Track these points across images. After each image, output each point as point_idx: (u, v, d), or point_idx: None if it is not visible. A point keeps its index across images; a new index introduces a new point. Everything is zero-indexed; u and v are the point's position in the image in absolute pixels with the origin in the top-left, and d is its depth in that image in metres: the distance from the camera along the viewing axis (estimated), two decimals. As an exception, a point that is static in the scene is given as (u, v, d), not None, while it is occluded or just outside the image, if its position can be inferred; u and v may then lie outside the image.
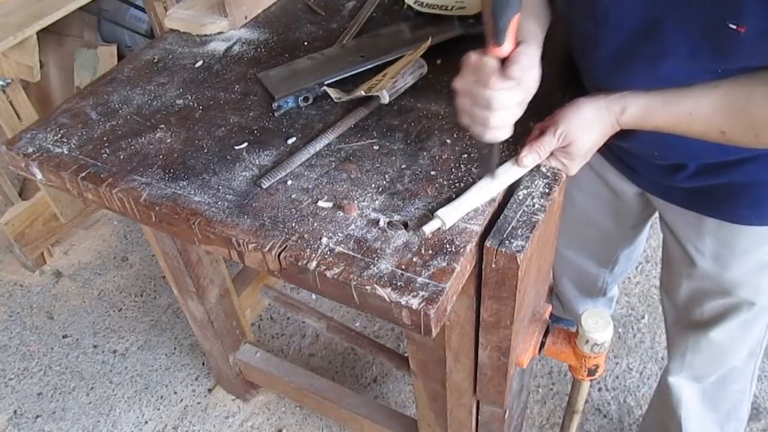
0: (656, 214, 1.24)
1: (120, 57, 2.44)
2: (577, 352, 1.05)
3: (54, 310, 2.08)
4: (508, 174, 0.85)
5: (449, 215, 0.80)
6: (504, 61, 0.73)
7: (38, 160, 0.97)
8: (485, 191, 0.83)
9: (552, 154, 0.86)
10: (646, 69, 0.81)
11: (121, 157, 0.96)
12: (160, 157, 0.96)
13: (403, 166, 0.91)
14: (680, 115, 0.81)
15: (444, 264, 0.76)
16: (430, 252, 0.78)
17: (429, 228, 0.79)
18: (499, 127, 0.76)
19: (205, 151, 0.96)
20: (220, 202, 0.87)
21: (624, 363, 1.80)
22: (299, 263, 0.78)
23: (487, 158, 0.83)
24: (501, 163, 0.85)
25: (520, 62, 0.72)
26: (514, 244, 0.78)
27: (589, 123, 0.84)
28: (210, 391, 1.82)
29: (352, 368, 1.85)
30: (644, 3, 0.76)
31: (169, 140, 0.99)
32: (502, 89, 0.73)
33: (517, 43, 0.73)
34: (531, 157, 0.85)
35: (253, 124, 1.01)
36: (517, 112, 0.77)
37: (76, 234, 2.30)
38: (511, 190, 0.87)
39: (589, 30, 0.85)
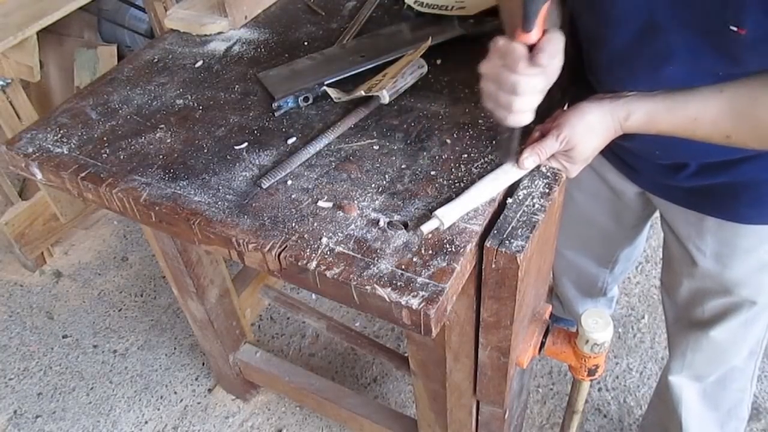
0: (656, 214, 1.24)
1: (120, 57, 2.44)
2: (577, 352, 1.05)
3: (54, 310, 2.08)
4: (507, 175, 0.85)
5: (447, 215, 0.80)
6: (531, 48, 0.74)
7: (38, 160, 0.97)
8: (484, 191, 0.83)
9: (553, 155, 0.86)
10: (648, 69, 0.81)
11: (121, 157, 0.96)
12: (160, 157, 0.96)
13: (403, 166, 0.91)
14: (685, 121, 0.81)
15: (444, 264, 0.76)
16: (430, 252, 0.78)
17: (427, 228, 0.79)
18: (522, 111, 0.78)
19: (205, 151, 0.96)
20: (220, 202, 0.87)
21: (624, 363, 1.80)
22: (299, 263, 0.78)
23: (507, 143, 0.84)
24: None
25: (548, 50, 0.73)
26: (514, 244, 0.78)
27: (592, 128, 0.84)
28: (210, 391, 1.82)
29: (352, 368, 1.85)
30: (645, 5, 0.76)
31: (169, 140, 0.99)
32: (528, 75, 0.74)
33: (544, 31, 0.74)
34: (532, 159, 0.84)
35: (253, 124, 1.01)
36: (540, 97, 0.78)
37: (76, 234, 2.30)
38: (511, 190, 0.86)
39: (592, 28, 0.85)
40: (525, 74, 0.74)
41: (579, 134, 0.83)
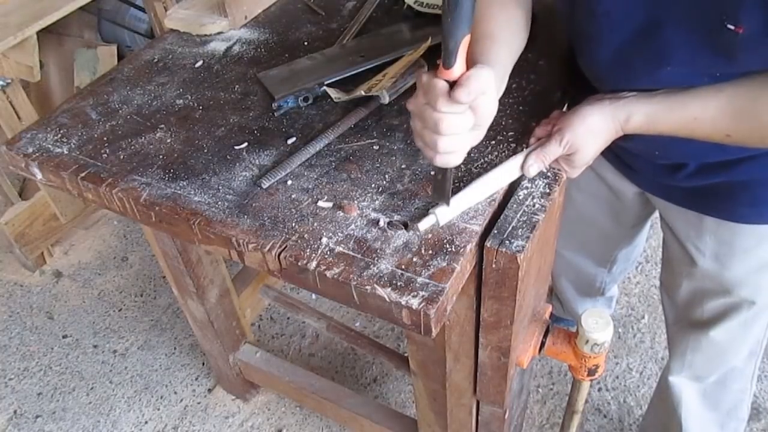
0: (656, 214, 1.24)
1: (120, 57, 2.44)
2: (577, 352, 1.05)
3: (54, 310, 2.08)
4: (506, 174, 0.85)
5: (444, 212, 0.80)
6: (454, 84, 0.68)
7: (38, 160, 0.97)
8: (482, 190, 0.83)
9: (555, 159, 0.86)
10: (647, 69, 0.81)
11: (121, 157, 0.96)
12: (160, 157, 0.96)
13: (403, 166, 0.91)
14: (685, 121, 0.81)
15: (444, 264, 0.76)
16: (430, 252, 0.78)
17: (424, 225, 0.79)
18: (449, 152, 0.72)
19: (205, 151, 0.96)
20: (220, 202, 0.87)
21: (624, 363, 1.80)
22: (299, 263, 0.78)
23: (441, 184, 0.79)
24: (457, 189, 0.82)
25: (468, 86, 0.67)
26: (515, 244, 0.78)
27: (594, 131, 0.84)
28: (210, 391, 1.82)
29: (352, 368, 1.85)
30: (644, 4, 0.76)
31: (169, 140, 0.99)
32: (450, 113, 0.68)
33: (470, 66, 0.69)
34: (536, 166, 0.84)
35: (253, 124, 1.01)
36: (470, 137, 0.74)
37: (76, 234, 2.30)
38: (511, 190, 0.87)
39: (590, 29, 0.85)
40: (446, 112, 0.68)
41: (581, 138, 0.83)
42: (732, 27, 0.68)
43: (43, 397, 1.84)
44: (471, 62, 0.69)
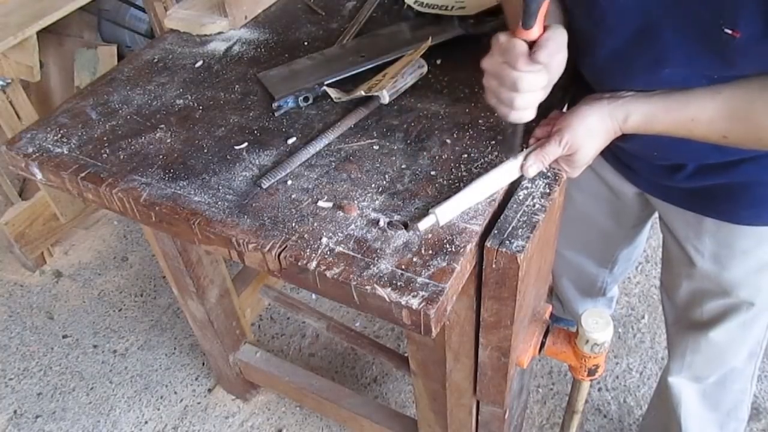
0: (656, 214, 1.24)
1: (120, 57, 2.44)
2: (577, 352, 1.05)
3: (54, 310, 2.08)
4: (506, 173, 0.85)
5: (443, 212, 0.80)
6: (532, 44, 0.74)
7: (38, 160, 0.97)
8: (482, 189, 0.83)
9: (555, 160, 0.86)
10: (644, 72, 0.81)
11: (121, 157, 0.96)
12: (160, 157, 0.96)
13: (403, 166, 0.91)
14: (683, 122, 0.81)
15: (444, 264, 0.76)
16: (430, 252, 0.78)
17: (423, 224, 0.79)
18: (524, 108, 0.78)
19: (205, 151, 0.96)
20: (220, 202, 0.87)
21: (624, 363, 1.80)
22: (299, 263, 0.78)
23: (510, 139, 0.85)
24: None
25: (548, 47, 0.73)
26: (515, 244, 0.78)
27: (593, 131, 0.84)
28: (210, 391, 1.82)
29: (352, 368, 1.85)
30: (641, 7, 0.76)
31: (169, 140, 0.99)
32: (529, 72, 0.74)
33: (545, 27, 0.74)
34: (536, 167, 0.85)
35: (253, 124, 1.01)
36: (542, 94, 0.78)
37: (76, 234, 2.30)
38: (511, 190, 0.87)
39: (588, 31, 0.85)
40: (525, 71, 0.74)
41: (580, 138, 0.83)
42: (729, 31, 0.68)
43: (43, 397, 1.84)
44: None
